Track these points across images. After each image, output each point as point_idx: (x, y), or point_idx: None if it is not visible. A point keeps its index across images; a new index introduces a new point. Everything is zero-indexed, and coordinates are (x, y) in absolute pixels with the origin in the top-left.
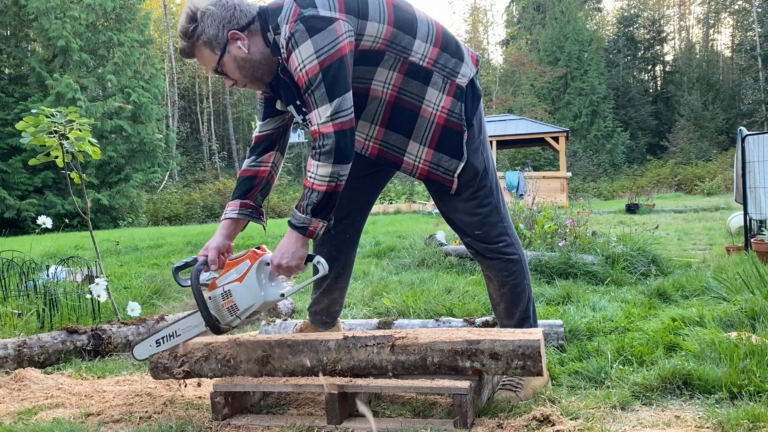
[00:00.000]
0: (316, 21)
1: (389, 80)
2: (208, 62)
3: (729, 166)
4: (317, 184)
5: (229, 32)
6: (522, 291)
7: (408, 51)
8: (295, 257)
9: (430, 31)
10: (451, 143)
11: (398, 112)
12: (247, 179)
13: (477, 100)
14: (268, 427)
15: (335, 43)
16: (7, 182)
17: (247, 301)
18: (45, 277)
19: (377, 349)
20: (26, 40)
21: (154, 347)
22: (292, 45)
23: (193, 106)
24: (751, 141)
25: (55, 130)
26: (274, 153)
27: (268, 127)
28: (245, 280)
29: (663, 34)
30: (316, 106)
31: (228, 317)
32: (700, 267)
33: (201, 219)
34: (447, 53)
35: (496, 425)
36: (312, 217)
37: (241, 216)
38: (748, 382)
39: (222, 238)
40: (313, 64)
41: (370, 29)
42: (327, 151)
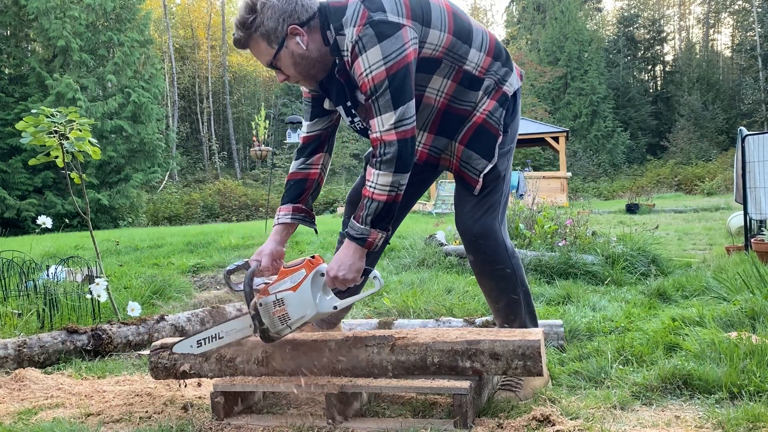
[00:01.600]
0: (385, 26)
1: (443, 88)
2: (262, 55)
3: (729, 166)
4: (377, 194)
5: (289, 26)
6: (518, 306)
7: (463, 60)
8: (353, 270)
9: (484, 41)
10: (484, 144)
11: (448, 118)
12: (297, 182)
13: (516, 113)
14: (268, 427)
15: (402, 49)
16: (7, 182)
17: (299, 311)
18: (45, 277)
19: (377, 349)
20: (26, 40)
21: (195, 348)
22: (360, 49)
23: (193, 106)
24: (751, 141)
25: (55, 130)
26: (324, 154)
27: (317, 128)
28: (299, 290)
29: (663, 34)
30: (379, 113)
31: (278, 326)
32: (700, 267)
33: (201, 219)
34: (498, 62)
35: (496, 425)
36: (371, 228)
37: (295, 221)
38: (748, 382)
39: (275, 243)
40: (380, 70)
41: (432, 37)
42: (388, 159)
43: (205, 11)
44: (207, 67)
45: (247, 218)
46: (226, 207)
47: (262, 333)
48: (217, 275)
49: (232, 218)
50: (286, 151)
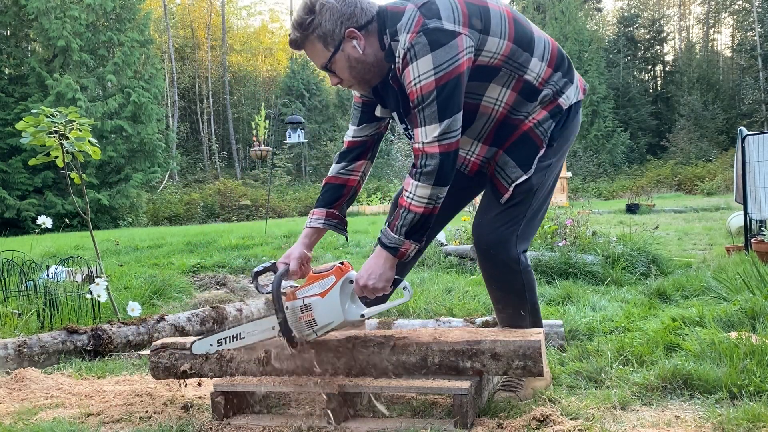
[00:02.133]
0: (439, 34)
1: (502, 98)
2: (318, 57)
3: (729, 166)
4: (414, 205)
5: (347, 30)
6: (522, 321)
7: (524, 68)
8: (383, 279)
9: (545, 50)
10: (523, 153)
11: (503, 128)
12: (336, 187)
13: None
14: (268, 427)
15: (455, 59)
16: (7, 182)
17: (326, 317)
18: (45, 277)
19: (377, 349)
20: (26, 40)
21: (215, 346)
22: (411, 57)
23: (193, 106)
24: (751, 141)
25: (55, 130)
26: (366, 162)
27: (363, 134)
28: (328, 296)
29: (663, 34)
30: (424, 123)
31: (304, 330)
32: (700, 267)
33: (201, 219)
34: (559, 72)
35: (496, 425)
36: (405, 239)
37: (327, 226)
38: (748, 382)
39: (303, 247)
40: (430, 80)
41: (490, 45)
42: (429, 171)
43: (205, 11)
44: (207, 67)
45: (248, 218)
46: (226, 207)
47: (288, 337)
48: (217, 275)
49: (233, 218)
50: (285, 151)
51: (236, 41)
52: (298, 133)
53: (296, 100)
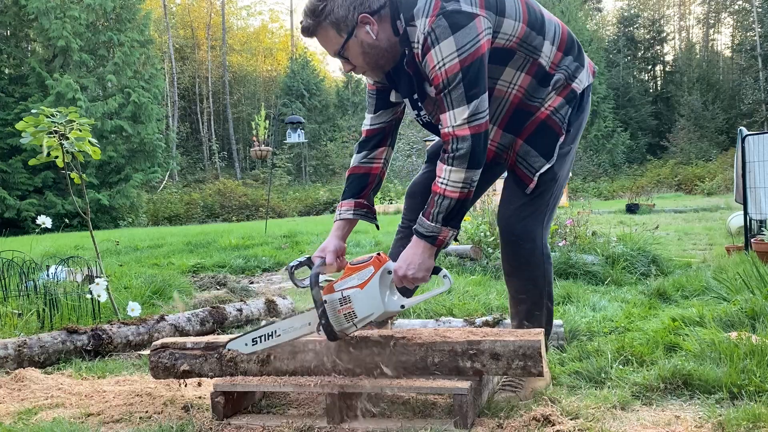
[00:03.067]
0: (458, 16)
1: (516, 81)
2: (331, 44)
3: (729, 166)
4: (450, 191)
5: (359, 15)
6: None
7: (538, 52)
8: (422, 269)
9: (556, 33)
10: (545, 141)
11: (518, 114)
12: (360, 177)
13: (582, 110)
14: (268, 427)
15: (476, 40)
16: (7, 182)
17: (366, 309)
18: (45, 277)
19: (377, 349)
20: (26, 40)
21: (250, 345)
22: (432, 41)
23: (193, 106)
24: (751, 141)
25: (55, 130)
26: (387, 148)
27: (380, 120)
28: (367, 288)
29: (663, 34)
30: (451, 107)
31: (344, 323)
32: (700, 267)
33: (201, 219)
34: (570, 56)
35: (496, 425)
36: (443, 226)
37: (357, 216)
38: (748, 382)
39: (337, 240)
40: (454, 63)
41: (506, 27)
42: (462, 155)
43: (205, 11)
44: (207, 67)
45: (248, 218)
46: (226, 207)
47: (327, 331)
48: (217, 275)
49: (233, 218)
50: (286, 151)
51: (236, 41)
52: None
53: (296, 100)
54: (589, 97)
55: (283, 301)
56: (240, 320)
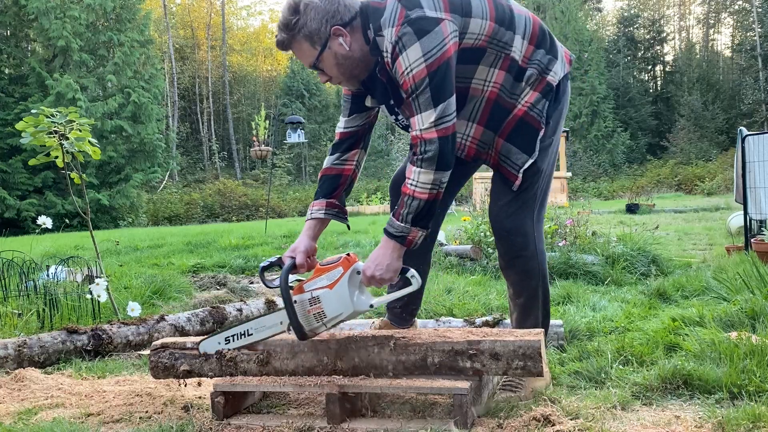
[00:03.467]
0: (423, 22)
1: (490, 78)
2: (306, 56)
3: (729, 166)
4: (419, 192)
5: (332, 27)
6: (534, 306)
7: (509, 47)
8: (390, 269)
9: (526, 27)
10: (525, 138)
11: (497, 110)
12: (332, 178)
13: (560, 102)
14: (268, 427)
15: (442, 44)
16: (7, 182)
17: (335, 309)
18: (45, 277)
19: (377, 349)
20: (26, 40)
21: (223, 344)
22: (400, 48)
23: (193, 106)
24: (751, 141)
25: (55, 130)
26: (359, 151)
27: (354, 124)
28: (336, 288)
29: (663, 34)
30: (419, 110)
31: (314, 323)
32: (700, 267)
33: (201, 219)
34: (542, 49)
35: (496, 425)
36: (412, 226)
37: (328, 216)
38: (748, 382)
39: (308, 240)
40: (421, 68)
41: (473, 26)
42: (430, 157)
43: (205, 11)
44: (207, 67)
45: (248, 218)
46: (226, 207)
47: (296, 330)
48: (217, 275)
49: (233, 218)
50: (286, 151)
51: (236, 41)
52: (298, 133)
53: (296, 100)
54: (567, 87)
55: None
56: (240, 320)
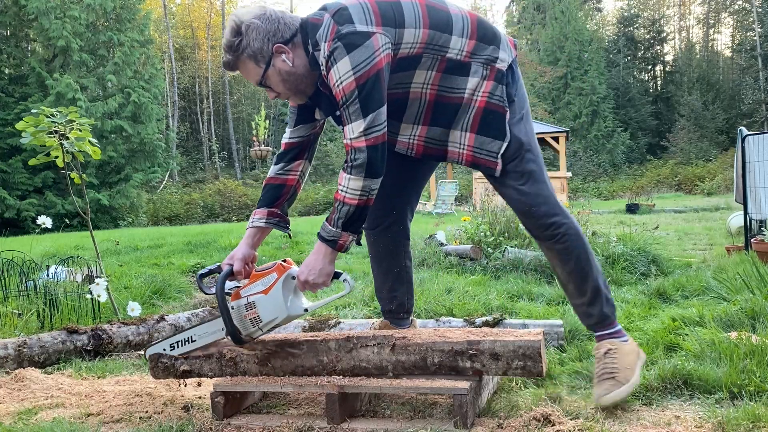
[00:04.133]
0: (353, 37)
1: (428, 80)
2: (252, 75)
3: (729, 166)
4: (349, 198)
5: (274, 45)
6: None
7: (445, 49)
8: (323, 274)
9: (465, 25)
10: (494, 125)
11: (440, 108)
12: (274, 187)
13: (516, 80)
14: (268, 427)
15: (372, 58)
16: (7, 182)
17: (270, 313)
18: (45, 277)
19: (377, 349)
20: (26, 40)
21: (168, 351)
22: (331, 62)
23: (193, 106)
24: (751, 141)
25: (55, 130)
26: (303, 162)
27: (298, 134)
28: (270, 293)
29: (663, 34)
30: (350, 120)
31: (250, 328)
32: (700, 267)
33: (201, 219)
34: (483, 42)
35: (496, 425)
36: (342, 231)
37: (269, 225)
38: (748, 382)
39: (247, 247)
40: (350, 81)
41: (407, 37)
42: (359, 165)
43: (205, 11)
44: (207, 67)
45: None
46: (226, 207)
47: (233, 335)
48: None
49: (233, 218)
50: None
51: None
52: None
53: None
54: (517, 68)
55: None
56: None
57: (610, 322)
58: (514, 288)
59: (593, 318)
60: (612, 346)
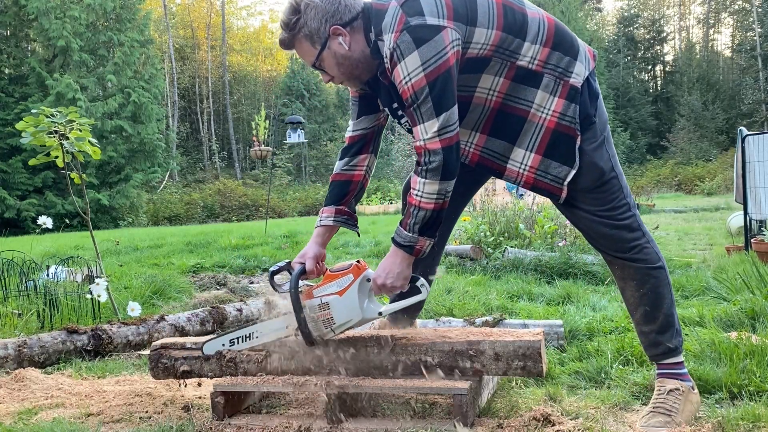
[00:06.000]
0: (423, 31)
1: (495, 87)
2: (306, 56)
3: (729, 166)
4: (425, 202)
5: (331, 27)
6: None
7: (516, 55)
8: (400, 278)
9: (540, 30)
10: (562, 149)
11: (503, 118)
12: (341, 184)
13: (595, 97)
14: (268, 427)
15: (442, 53)
16: (7, 182)
17: (344, 315)
18: (45, 277)
19: (377, 349)
20: (26, 40)
21: (227, 346)
22: (398, 57)
23: (193, 106)
24: (751, 141)
25: (55, 130)
26: (369, 156)
27: (362, 127)
28: (346, 295)
29: (663, 34)
30: (421, 120)
31: (322, 329)
32: (700, 267)
33: (201, 219)
34: (559, 51)
35: (496, 425)
36: (419, 236)
37: (337, 223)
38: (748, 382)
39: (318, 246)
40: (420, 77)
41: (478, 36)
42: (434, 168)
43: (205, 11)
44: (207, 67)
45: (248, 218)
46: (226, 207)
47: (305, 335)
48: (217, 275)
49: (233, 218)
50: (285, 151)
51: (236, 41)
52: (298, 133)
53: (296, 100)
54: (595, 82)
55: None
56: (240, 320)
57: (676, 355)
58: (514, 288)
59: (660, 348)
60: (682, 388)
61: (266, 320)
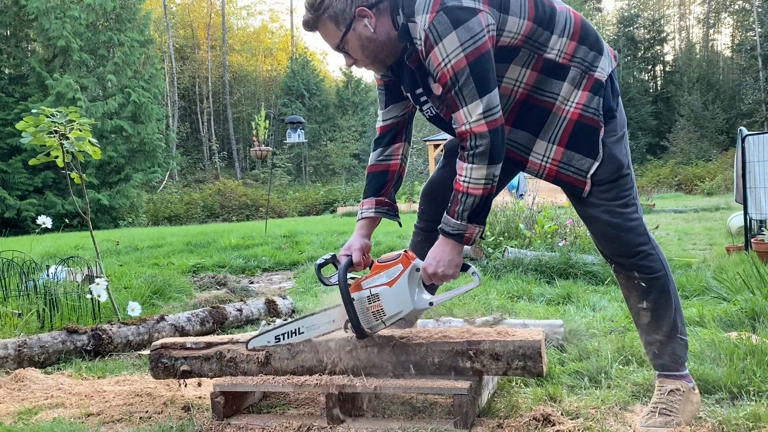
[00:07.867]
0: (459, 12)
1: (522, 78)
2: (330, 38)
3: (729, 166)
4: (473, 188)
5: (357, 8)
6: (669, 299)
7: (544, 47)
8: (452, 266)
9: (567, 24)
10: (586, 141)
11: (527, 110)
12: (378, 175)
13: (616, 95)
14: (268, 427)
15: (480, 35)
16: (7, 182)
17: (395, 306)
18: (45, 277)
19: (377, 349)
20: (26, 40)
21: (273, 342)
22: (434, 38)
23: (193, 106)
24: (751, 141)
25: (55, 130)
26: (403, 144)
27: (392, 115)
28: (396, 285)
29: (663, 34)
30: (464, 103)
31: (372, 321)
32: (700, 267)
33: (201, 219)
34: (585, 46)
35: (496, 425)
36: (468, 223)
37: (379, 214)
38: (748, 382)
39: (362, 238)
40: (459, 58)
41: (510, 24)
42: (481, 152)
43: (205, 11)
44: (207, 67)
45: (248, 218)
46: (226, 207)
47: (356, 329)
48: (217, 275)
49: (233, 218)
50: (286, 151)
51: (236, 41)
52: (298, 133)
53: (296, 100)
54: (616, 81)
55: (283, 301)
56: (240, 320)
57: (680, 364)
58: (514, 288)
59: (664, 357)
60: (683, 388)
61: (311, 315)
